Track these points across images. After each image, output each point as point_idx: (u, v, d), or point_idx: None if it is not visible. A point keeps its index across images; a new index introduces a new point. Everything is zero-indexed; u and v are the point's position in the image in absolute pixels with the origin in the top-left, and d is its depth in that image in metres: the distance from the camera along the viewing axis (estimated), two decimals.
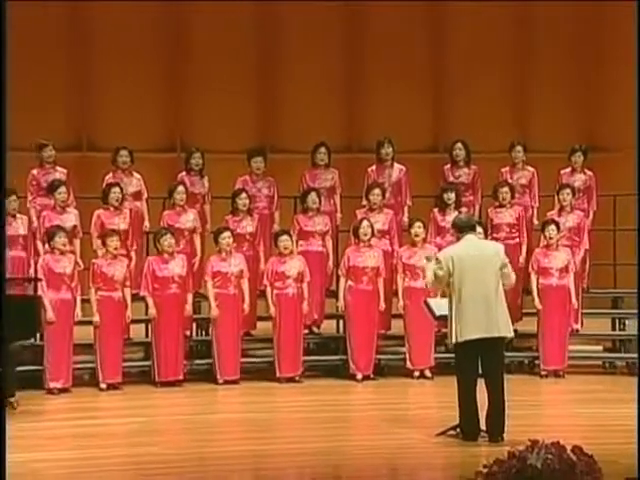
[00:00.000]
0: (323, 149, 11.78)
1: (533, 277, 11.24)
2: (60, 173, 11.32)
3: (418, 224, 11.17)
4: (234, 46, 13.59)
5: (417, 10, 13.95)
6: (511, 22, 14.09)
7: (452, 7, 13.82)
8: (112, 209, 11.06)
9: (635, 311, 11.96)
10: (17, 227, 10.84)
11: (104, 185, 11.21)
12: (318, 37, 13.78)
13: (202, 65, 13.57)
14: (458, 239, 8.38)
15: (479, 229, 10.85)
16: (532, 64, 14.16)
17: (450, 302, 8.17)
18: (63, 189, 10.97)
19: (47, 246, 10.64)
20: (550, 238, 11.22)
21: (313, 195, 11.40)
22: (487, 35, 13.93)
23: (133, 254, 11.15)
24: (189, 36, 13.65)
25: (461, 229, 8.35)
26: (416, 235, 11.13)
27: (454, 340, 8.15)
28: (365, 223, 11.13)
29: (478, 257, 8.17)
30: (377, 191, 11.45)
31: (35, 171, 11.31)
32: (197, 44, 13.61)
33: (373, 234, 11.14)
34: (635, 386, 10.73)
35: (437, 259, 8.32)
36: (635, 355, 11.59)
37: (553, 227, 11.26)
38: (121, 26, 13.35)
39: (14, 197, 10.81)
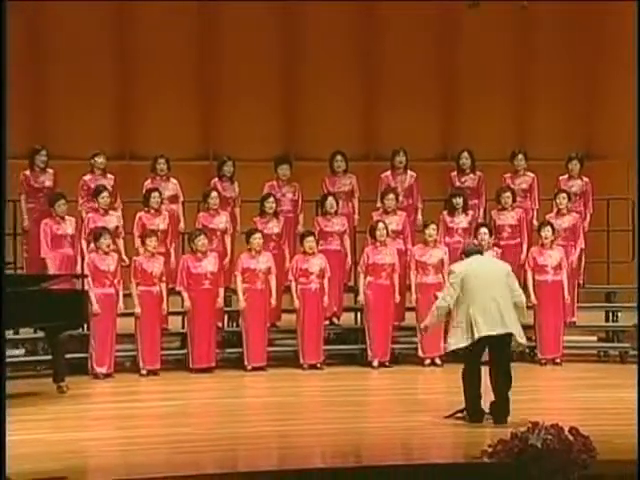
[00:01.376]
0: (339, 157, 11.78)
1: (529, 274, 11.22)
2: (109, 180, 11.36)
3: (432, 226, 11.18)
4: (260, 67, 13.61)
5: (429, 32, 13.94)
6: (513, 43, 14.04)
7: (460, 31, 13.80)
8: (152, 211, 11.09)
9: (627, 304, 11.98)
10: (65, 228, 10.86)
11: (145, 190, 11.24)
12: (338, 57, 13.76)
13: (232, 82, 13.58)
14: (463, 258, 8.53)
15: (484, 230, 10.91)
16: (532, 80, 14.12)
17: (459, 309, 8.15)
18: (106, 194, 10.98)
19: (92, 245, 10.68)
20: (545, 238, 11.20)
21: (331, 199, 11.41)
22: (491, 54, 13.90)
23: (172, 252, 11.19)
24: (220, 57, 13.65)
25: (468, 255, 8.48)
26: (429, 235, 11.13)
27: (463, 343, 8.16)
28: (381, 225, 11.13)
29: (487, 268, 8.35)
30: (391, 195, 11.46)
31: (87, 177, 11.34)
32: (227, 65, 13.61)
33: (388, 234, 11.15)
34: (626, 373, 10.76)
35: (451, 270, 8.42)
36: (627, 345, 11.58)
37: (548, 228, 11.24)
38: (160, 46, 13.37)
39: (63, 201, 10.85)
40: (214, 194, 11.27)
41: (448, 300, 8.26)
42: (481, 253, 8.65)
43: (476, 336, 8.06)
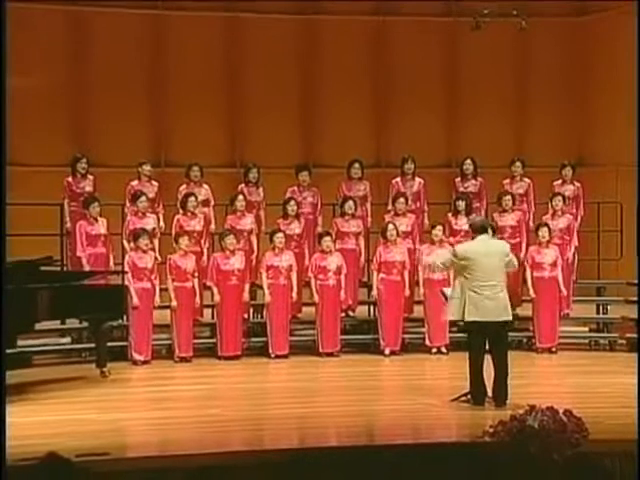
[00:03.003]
0: (357, 164, 11.78)
1: (528, 270, 11.19)
2: (153, 186, 11.36)
3: (439, 227, 11.15)
4: (282, 83, 13.64)
5: (436, 51, 13.95)
6: (512, 61, 14.04)
7: (464, 50, 13.79)
8: (189, 214, 11.09)
9: (616, 298, 11.94)
10: (98, 228, 10.84)
11: (182, 195, 11.23)
12: (352, 75, 13.79)
13: (256, 97, 13.59)
14: (473, 238, 8.43)
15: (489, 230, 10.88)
16: (529, 95, 14.10)
17: (462, 285, 8.17)
18: (144, 198, 10.98)
19: (132, 244, 10.71)
20: (543, 237, 11.17)
21: (350, 202, 11.39)
22: (493, 71, 13.89)
23: (205, 250, 11.20)
24: (245, 75, 13.67)
25: (476, 230, 8.40)
26: (436, 235, 11.11)
27: (458, 317, 8.18)
28: (391, 226, 11.12)
29: (488, 252, 8.22)
30: (402, 199, 11.44)
31: (134, 183, 11.35)
32: (252, 82, 13.63)
33: (398, 235, 11.13)
34: (615, 360, 10.73)
35: (454, 250, 8.39)
36: (616, 335, 11.55)
37: (545, 229, 11.21)
38: (191, 66, 13.41)
39: (96, 203, 10.83)
40: (241, 198, 11.27)
41: (441, 265, 8.60)
42: (486, 229, 8.48)
43: (468, 318, 8.07)
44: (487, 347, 8.23)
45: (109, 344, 10.02)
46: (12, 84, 12.85)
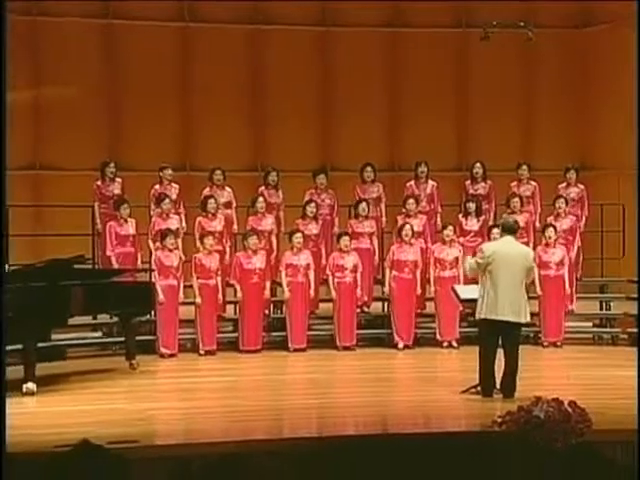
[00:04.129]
0: (369, 168, 11.77)
1: (535, 269, 11.14)
2: (175, 189, 11.39)
3: (450, 228, 11.14)
4: (300, 92, 13.61)
5: (447, 60, 13.92)
6: (519, 69, 13.98)
7: (474, 59, 13.76)
8: (210, 215, 11.12)
9: (618, 295, 11.90)
10: (127, 228, 10.88)
11: (202, 197, 11.26)
12: (367, 83, 13.76)
13: (276, 105, 13.59)
14: (500, 237, 8.40)
15: (496, 230, 10.81)
16: (535, 101, 14.06)
17: (484, 284, 8.12)
18: (167, 201, 10.98)
19: (158, 244, 10.73)
20: (549, 238, 11.13)
21: (364, 204, 11.39)
22: (501, 79, 13.84)
23: (227, 250, 11.22)
24: (265, 85, 13.68)
25: (505, 230, 8.36)
26: (447, 235, 11.10)
27: (481, 315, 8.14)
28: (407, 226, 11.10)
29: (513, 254, 8.18)
30: (411, 200, 11.42)
31: (157, 186, 11.39)
32: (272, 91, 13.63)
33: (413, 235, 11.13)
34: (618, 354, 10.69)
35: (482, 249, 8.33)
36: (618, 330, 11.51)
37: (551, 229, 11.17)
38: (215, 76, 13.42)
39: (126, 205, 10.88)
40: (261, 200, 11.28)
41: (470, 267, 8.30)
42: (515, 232, 8.45)
43: (488, 316, 8.03)
44: (499, 342, 8.21)
45: (138, 338, 10.06)
46: (47, 94, 12.99)
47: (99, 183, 11.36)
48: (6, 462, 4.05)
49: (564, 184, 11.96)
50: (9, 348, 8.78)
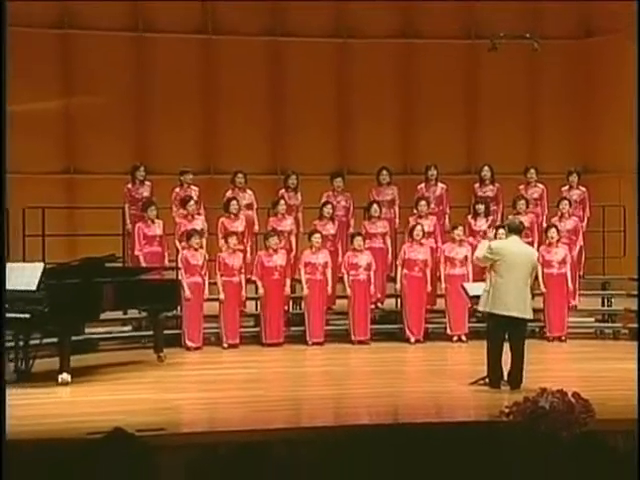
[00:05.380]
0: (385, 171, 11.77)
1: (539, 267, 11.12)
2: (194, 191, 11.43)
3: (460, 228, 11.13)
4: (319, 99, 13.62)
5: (457, 68, 13.89)
6: (525, 78, 13.95)
7: (482, 67, 13.73)
8: (232, 216, 11.14)
9: (619, 292, 11.84)
10: (155, 229, 10.90)
11: (225, 199, 11.29)
12: (381, 91, 13.75)
13: (295, 112, 13.60)
14: (507, 237, 8.38)
15: (502, 230, 10.78)
16: (540, 108, 14.01)
17: (490, 280, 8.10)
18: (192, 202, 11.03)
19: (184, 243, 10.76)
20: (552, 237, 11.11)
21: (375, 206, 11.39)
22: (508, 87, 13.81)
23: (249, 249, 11.24)
24: (285, 92, 13.68)
25: (511, 230, 8.35)
26: (457, 235, 11.09)
27: (486, 308, 8.12)
28: (418, 227, 11.09)
29: (518, 253, 8.16)
30: (423, 202, 11.40)
31: (177, 189, 11.42)
32: (291, 99, 13.64)
33: (424, 235, 11.11)
34: (619, 348, 10.64)
35: (490, 247, 8.31)
36: (619, 325, 11.46)
37: (553, 230, 11.14)
38: (237, 84, 13.44)
39: (153, 207, 10.90)
40: (281, 202, 11.30)
41: (481, 257, 8.22)
42: (521, 232, 8.45)
43: (494, 310, 8.01)
44: (506, 337, 8.20)
45: (165, 332, 10.07)
46: (79, 103, 13.05)
47: (129, 186, 11.40)
48: (42, 447, 4.08)
49: (567, 187, 11.93)
50: (46, 341, 8.85)
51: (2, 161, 7.68)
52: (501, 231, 10.71)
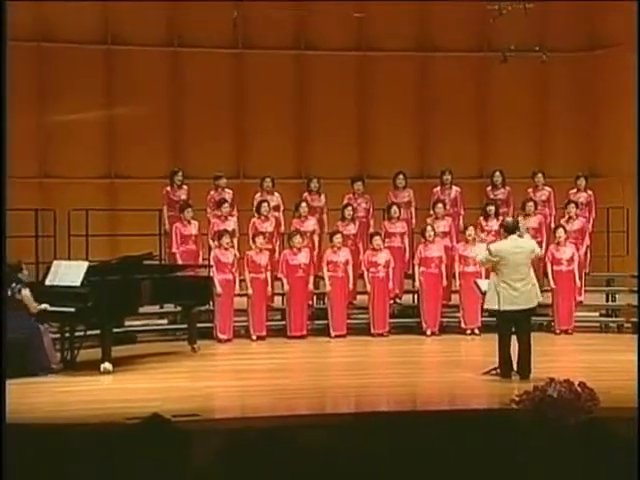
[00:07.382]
0: (401, 175, 11.75)
1: (548, 265, 11.07)
2: (228, 194, 11.47)
3: (471, 228, 11.11)
4: (341, 109, 13.60)
5: (470, 79, 13.84)
6: (534, 87, 13.87)
7: (494, 78, 13.66)
8: (263, 218, 11.16)
9: (622, 288, 11.75)
10: (191, 229, 10.94)
11: (256, 202, 11.27)
12: (400, 102, 13.71)
13: (320, 121, 13.59)
14: (505, 237, 8.37)
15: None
16: (548, 116, 13.93)
17: (496, 280, 8.10)
18: (226, 204, 11.08)
19: (216, 243, 10.80)
20: (559, 237, 11.06)
21: (394, 207, 11.37)
22: (518, 96, 13.74)
23: (277, 248, 11.25)
24: (312, 103, 13.68)
25: (507, 230, 8.34)
26: (469, 235, 11.06)
27: (497, 307, 8.11)
28: (429, 228, 11.06)
29: (517, 250, 8.15)
30: (440, 205, 11.39)
31: (212, 192, 11.45)
32: (316, 109, 13.63)
33: (435, 234, 11.09)
34: (622, 341, 10.55)
35: (489, 249, 8.31)
36: (622, 319, 11.38)
37: (561, 230, 11.09)
38: (266, 94, 13.46)
39: (190, 209, 10.94)
40: (304, 204, 11.29)
41: (482, 260, 8.30)
42: (517, 229, 8.43)
43: (501, 307, 8.00)
44: (513, 329, 8.17)
45: (198, 325, 10.11)
46: (120, 113, 13.12)
47: (168, 189, 11.45)
48: (85, 430, 4.10)
49: (574, 190, 11.87)
50: (90, 333, 8.91)
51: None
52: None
